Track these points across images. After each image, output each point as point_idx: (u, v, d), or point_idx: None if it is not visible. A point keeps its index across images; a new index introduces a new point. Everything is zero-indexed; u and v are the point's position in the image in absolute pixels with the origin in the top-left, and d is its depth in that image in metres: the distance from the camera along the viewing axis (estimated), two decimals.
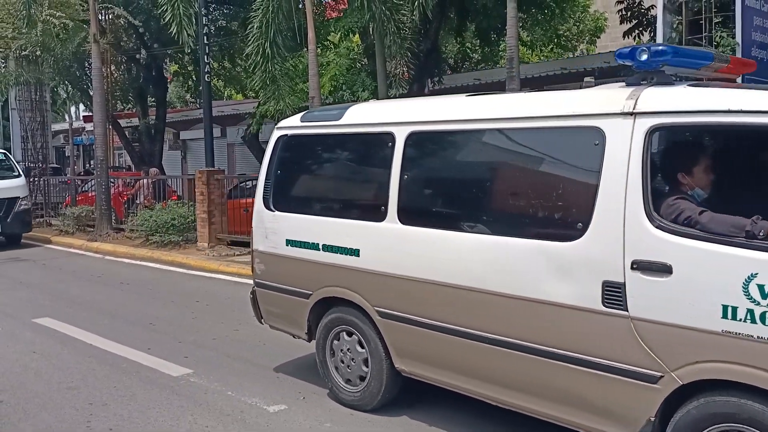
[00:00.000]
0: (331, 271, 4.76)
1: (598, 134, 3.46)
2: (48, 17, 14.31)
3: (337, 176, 5.23)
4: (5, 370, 5.83)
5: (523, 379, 3.82)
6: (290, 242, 5.07)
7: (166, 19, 11.93)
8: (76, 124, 32.37)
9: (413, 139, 4.36)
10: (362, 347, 4.70)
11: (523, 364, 3.77)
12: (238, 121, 25.41)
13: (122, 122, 23.51)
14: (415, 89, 14.90)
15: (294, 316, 5.15)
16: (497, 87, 15.44)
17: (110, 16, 18.21)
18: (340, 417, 4.71)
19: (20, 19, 15.16)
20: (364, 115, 4.86)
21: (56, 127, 31.94)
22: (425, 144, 4.46)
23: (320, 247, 4.82)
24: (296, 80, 12.96)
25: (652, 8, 13.46)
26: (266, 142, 5.57)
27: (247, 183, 13.60)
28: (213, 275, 10.47)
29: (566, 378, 3.58)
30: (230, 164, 27.55)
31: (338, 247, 4.69)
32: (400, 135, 4.37)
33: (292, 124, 5.30)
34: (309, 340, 5.13)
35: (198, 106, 27.01)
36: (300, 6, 10.38)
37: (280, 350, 6.24)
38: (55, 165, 28.06)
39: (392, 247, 4.37)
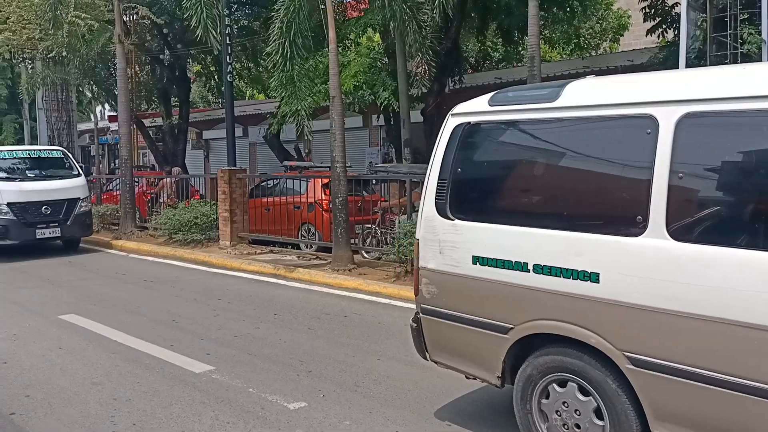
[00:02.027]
0: (548, 300, 3.62)
1: None
2: (74, 18, 14.53)
3: (555, 175, 3.89)
4: (32, 366, 5.94)
5: None
6: (480, 260, 3.96)
7: (192, 23, 12.05)
8: (101, 124, 32.82)
9: (690, 122, 3.23)
10: (592, 402, 3.55)
11: None
12: (260, 121, 25.62)
13: (146, 122, 23.81)
14: (436, 88, 14.90)
15: (481, 354, 4.06)
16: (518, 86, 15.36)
17: (134, 17, 18.44)
18: (359, 415, 4.73)
19: (46, 21, 15.39)
20: (597, 93, 3.73)
21: (82, 126, 32.44)
22: (714, 130, 3.26)
23: (530, 268, 3.69)
24: (316, 81, 13.01)
25: (677, 5, 13.31)
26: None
27: (269, 182, 13.72)
28: (235, 273, 10.57)
29: None
30: (252, 163, 27.77)
31: (562, 269, 3.56)
32: (667, 118, 3.27)
33: (477, 108, 4.20)
34: (501, 386, 4.05)
35: (220, 105, 27.26)
36: (321, 6, 10.42)
37: (301, 348, 6.29)
38: (81, 164, 28.44)
39: (659, 271, 3.22)
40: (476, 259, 3.97)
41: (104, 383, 5.46)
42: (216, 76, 22.67)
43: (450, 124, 4.28)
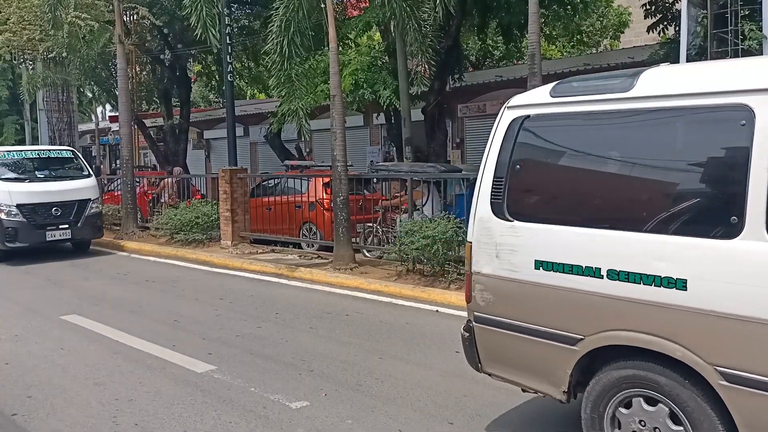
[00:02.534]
0: (624, 309, 3.32)
1: None
2: (74, 19, 14.51)
3: (631, 171, 3.57)
4: (33, 366, 5.94)
5: None
6: (543, 265, 3.65)
7: (191, 22, 12.05)
8: (102, 125, 32.87)
9: None
10: (678, 425, 3.24)
11: None
12: (261, 120, 25.61)
13: (147, 122, 23.84)
14: (437, 87, 14.89)
15: (543, 367, 3.75)
16: (519, 83, 15.37)
17: (135, 18, 18.46)
18: (361, 414, 4.72)
19: (47, 22, 15.39)
20: (678, 82, 3.43)
21: (83, 127, 32.46)
22: None
23: (603, 273, 3.39)
24: (316, 80, 13.01)
25: (677, 2, 13.29)
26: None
27: (270, 182, 13.72)
28: (236, 273, 10.57)
29: None
30: (253, 163, 27.78)
31: (642, 275, 3.26)
32: (766, 108, 2.98)
33: (537, 100, 3.90)
34: (567, 402, 3.73)
35: (221, 105, 27.27)
36: (321, 5, 10.41)
37: (303, 348, 6.29)
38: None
39: (758, 277, 2.94)
40: (539, 264, 3.65)
41: (106, 383, 5.46)
42: (217, 76, 22.68)
43: (505, 117, 3.93)
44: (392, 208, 11.07)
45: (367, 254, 10.86)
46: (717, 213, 3.13)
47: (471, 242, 4.02)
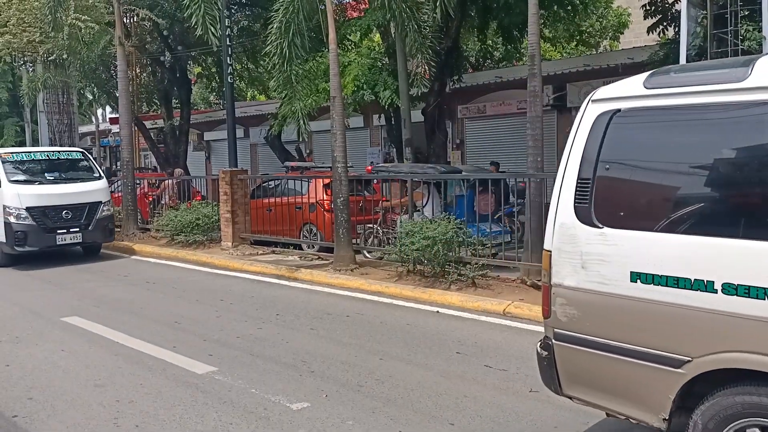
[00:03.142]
0: (747, 328, 2.95)
1: None
2: (74, 21, 14.53)
3: (750, 171, 3.13)
4: (34, 368, 5.95)
5: None
6: (641, 277, 3.24)
7: (192, 23, 12.06)
8: (102, 126, 32.86)
9: None
10: None
11: None
12: (261, 122, 25.62)
13: (147, 124, 23.85)
14: (436, 88, 14.90)
15: (639, 391, 3.35)
16: (519, 84, 15.37)
17: (135, 19, 18.47)
18: (362, 415, 4.72)
19: (47, 24, 15.41)
20: None
21: (83, 129, 32.46)
22: None
23: (718, 287, 3.01)
24: (317, 81, 13.02)
25: (677, 2, 13.30)
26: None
27: (270, 183, 13.73)
28: (237, 274, 10.57)
29: None
30: (253, 164, 27.78)
31: None
32: None
33: (629, 92, 3.50)
34: (666, 430, 3.32)
35: (221, 107, 27.27)
36: (321, 6, 10.42)
37: (304, 349, 6.30)
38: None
39: None
40: (636, 276, 3.25)
41: (107, 385, 5.46)
42: (217, 78, 22.71)
43: (590, 112, 3.56)
44: (393, 209, 11.08)
45: (367, 255, 10.87)
46: None
47: (550, 251, 3.61)
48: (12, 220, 11.46)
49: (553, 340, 3.63)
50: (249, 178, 13.48)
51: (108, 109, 31.18)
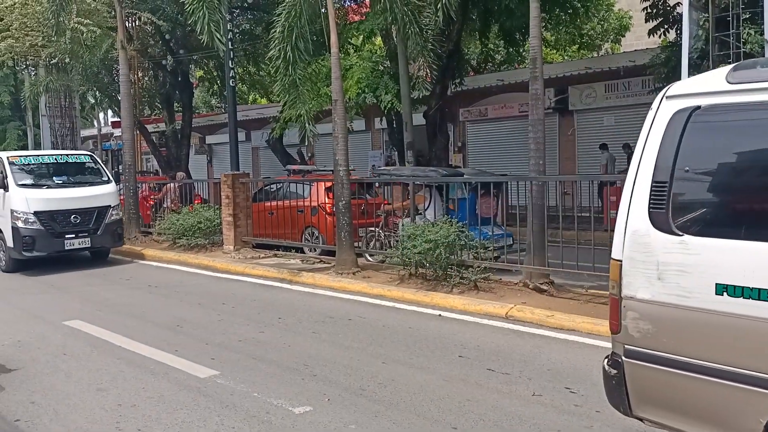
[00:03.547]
0: None
1: None
2: (76, 25, 14.56)
3: None
4: (37, 372, 5.95)
5: None
6: (729, 289, 2.97)
7: (196, 28, 12.06)
8: (104, 130, 32.96)
9: None
10: None
11: None
12: (263, 125, 25.68)
13: (149, 127, 23.90)
14: (438, 91, 14.93)
15: (725, 413, 3.08)
16: (520, 87, 15.38)
17: (137, 23, 18.51)
18: (364, 419, 4.72)
19: (49, 28, 15.44)
20: None
21: (85, 132, 32.55)
22: None
23: None
24: (319, 84, 13.05)
25: (678, 5, 13.30)
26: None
27: (272, 186, 13.74)
28: (239, 278, 10.57)
29: None
30: (255, 168, 27.85)
31: None
32: None
33: (710, 88, 3.21)
34: None
35: (223, 110, 27.32)
36: (323, 10, 10.43)
37: (306, 352, 6.29)
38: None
39: None
40: (722, 289, 2.97)
41: (109, 389, 5.46)
42: (219, 81, 22.75)
43: (665, 109, 3.28)
44: (394, 212, 11.07)
45: (369, 258, 10.86)
46: None
47: (620, 261, 3.34)
48: (20, 224, 11.35)
49: (624, 358, 3.36)
50: (251, 182, 13.49)
51: (110, 112, 31.30)
